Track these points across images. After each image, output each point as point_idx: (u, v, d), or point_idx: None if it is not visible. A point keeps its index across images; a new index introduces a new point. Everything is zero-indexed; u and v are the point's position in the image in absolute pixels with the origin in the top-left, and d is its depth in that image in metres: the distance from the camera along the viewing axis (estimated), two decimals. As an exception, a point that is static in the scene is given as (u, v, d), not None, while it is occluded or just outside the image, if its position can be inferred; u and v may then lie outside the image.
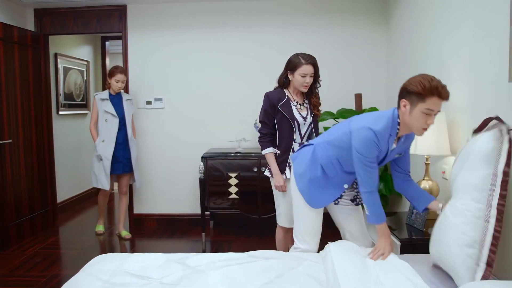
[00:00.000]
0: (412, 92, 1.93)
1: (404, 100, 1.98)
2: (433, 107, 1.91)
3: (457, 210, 1.78)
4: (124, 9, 4.52)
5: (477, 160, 1.74)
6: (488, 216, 1.67)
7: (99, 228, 4.47)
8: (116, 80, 4.08)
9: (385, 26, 4.31)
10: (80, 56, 5.90)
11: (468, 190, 1.75)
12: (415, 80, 1.94)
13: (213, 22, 4.46)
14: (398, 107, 2.04)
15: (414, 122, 1.96)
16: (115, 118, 4.10)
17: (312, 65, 2.70)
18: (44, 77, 4.63)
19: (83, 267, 2.09)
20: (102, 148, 4.09)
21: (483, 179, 1.70)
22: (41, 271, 3.39)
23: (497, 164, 1.68)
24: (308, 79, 2.69)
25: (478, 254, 1.66)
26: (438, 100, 1.90)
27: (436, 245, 1.89)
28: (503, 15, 2.02)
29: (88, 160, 6.07)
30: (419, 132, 2.01)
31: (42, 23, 4.61)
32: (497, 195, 1.66)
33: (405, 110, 1.99)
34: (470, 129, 2.44)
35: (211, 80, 4.51)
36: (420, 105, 1.92)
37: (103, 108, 4.10)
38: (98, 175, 4.15)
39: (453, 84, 2.68)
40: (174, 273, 1.95)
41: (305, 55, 2.72)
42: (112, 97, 4.15)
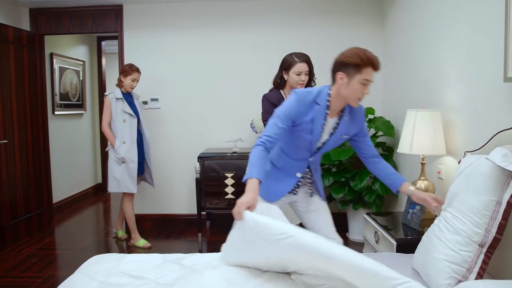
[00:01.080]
0: (349, 64, 2.00)
1: (341, 72, 2.04)
2: (369, 77, 2.01)
3: (453, 227, 1.78)
4: (120, 9, 4.51)
5: (483, 185, 1.72)
6: (484, 242, 1.68)
7: (143, 242, 4.07)
8: (133, 79, 3.94)
9: (381, 26, 4.32)
10: (76, 56, 5.88)
11: (469, 212, 1.73)
12: (351, 52, 2.01)
13: (209, 22, 4.46)
14: (334, 82, 2.09)
15: (352, 93, 2.03)
16: (134, 118, 3.94)
17: (306, 63, 2.73)
18: (40, 77, 4.61)
19: (79, 268, 2.08)
20: (125, 151, 3.87)
21: (486, 205, 1.68)
22: (37, 272, 3.38)
23: (503, 193, 1.66)
24: (303, 77, 2.72)
25: (465, 273, 1.68)
26: (372, 71, 2.01)
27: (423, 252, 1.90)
28: (498, 16, 2.03)
29: (84, 160, 6.07)
30: (355, 102, 2.08)
31: (37, 22, 4.59)
32: (497, 224, 1.65)
33: (342, 83, 2.04)
34: (466, 129, 2.46)
35: (207, 80, 4.51)
36: (357, 76, 1.99)
37: (120, 108, 3.91)
38: (122, 179, 3.91)
39: (449, 84, 2.69)
40: (170, 273, 1.94)
41: (298, 54, 2.76)
42: (126, 96, 3.98)
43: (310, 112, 2.09)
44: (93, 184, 6.41)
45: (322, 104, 2.09)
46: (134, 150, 3.91)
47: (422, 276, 1.88)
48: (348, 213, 4.02)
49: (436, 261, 1.76)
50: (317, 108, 2.09)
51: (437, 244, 1.81)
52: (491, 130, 2.06)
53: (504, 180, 1.66)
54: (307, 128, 2.11)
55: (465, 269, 1.69)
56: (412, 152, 2.66)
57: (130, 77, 3.94)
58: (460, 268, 1.69)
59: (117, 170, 3.91)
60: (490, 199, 1.68)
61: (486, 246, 1.68)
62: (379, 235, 2.64)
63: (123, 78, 3.96)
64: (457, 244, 1.72)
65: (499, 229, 1.65)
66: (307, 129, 2.11)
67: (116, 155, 3.89)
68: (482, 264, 1.68)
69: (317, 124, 2.10)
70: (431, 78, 3.00)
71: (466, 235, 1.71)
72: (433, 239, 1.86)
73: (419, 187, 2.70)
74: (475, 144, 2.24)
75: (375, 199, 3.74)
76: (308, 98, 2.08)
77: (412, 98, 3.40)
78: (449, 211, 1.87)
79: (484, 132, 2.19)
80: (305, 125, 2.11)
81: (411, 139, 2.65)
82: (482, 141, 2.13)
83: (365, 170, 3.78)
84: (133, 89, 4.02)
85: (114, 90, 3.97)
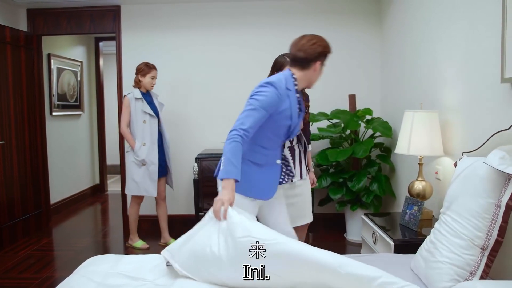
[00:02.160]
0: (326, 53, 2.24)
1: (319, 61, 2.21)
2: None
3: (454, 231, 1.78)
4: (118, 9, 4.50)
5: (482, 187, 1.72)
6: (486, 245, 1.68)
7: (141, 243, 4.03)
8: (152, 77, 3.83)
9: (379, 27, 4.32)
10: (74, 56, 5.88)
11: (469, 216, 1.73)
12: (326, 43, 2.25)
13: (207, 23, 4.46)
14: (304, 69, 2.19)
15: (317, 76, 2.26)
16: (154, 118, 3.82)
17: None
18: (37, 78, 4.60)
19: (76, 269, 2.08)
20: (145, 152, 3.75)
21: (486, 208, 1.68)
22: (34, 273, 3.37)
23: (502, 195, 1.65)
24: None
25: (468, 276, 1.68)
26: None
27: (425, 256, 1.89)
28: (495, 16, 2.03)
29: (82, 161, 6.06)
30: (313, 85, 2.31)
31: (35, 23, 4.58)
32: (497, 226, 1.65)
33: (316, 69, 2.21)
34: (463, 130, 2.46)
35: (205, 81, 4.50)
36: (324, 62, 2.26)
37: (140, 108, 3.78)
38: (142, 182, 3.79)
39: (446, 84, 2.70)
40: (168, 274, 1.94)
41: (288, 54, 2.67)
42: (145, 96, 3.85)
43: (286, 99, 2.14)
44: (91, 185, 6.39)
45: (292, 89, 2.18)
46: (155, 152, 3.80)
47: (422, 278, 1.88)
48: (346, 214, 4.02)
49: (439, 263, 1.76)
50: (291, 94, 2.17)
51: (440, 248, 1.81)
52: (488, 131, 2.06)
53: (502, 183, 1.66)
54: (287, 114, 2.16)
55: (468, 272, 1.68)
56: (409, 153, 2.66)
57: (149, 75, 3.83)
58: (463, 271, 1.69)
59: (137, 172, 3.79)
60: (489, 202, 1.68)
61: (489, 249, 1.67)
62: (376, 235, 2.64)
63: (141, 77, 3.84)
64: (459, 247, 1.72)
65: (500, 232, 1.65)
66: (287, 116, 2.16)
67: (136, 157, 3.77)
68: (485, 267, 1.67)
69: (294, 109, 2.18)
70: (428, 78, 3.00)
71: (468, 239, 1.71)
72: (435, 242, 1.86)
73: (416, 187, 2.71)
74: (472, 145, 2.25)
75: (373, 199, 3.75)
76: (282, 86, 2.14)
77: (409, 98, 3.41)
78: (449, 215, 1.87)
79: (481, 132, 2.19)
80: (284, 113, 2.15)
81: (408, 140, 2.65)
82: (479, 142, 2.13)
83: (363, 171, 3.79)
84: (153, 87, 3.91)
85: (133, 91, 3.86)
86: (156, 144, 3.82)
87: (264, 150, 2.21)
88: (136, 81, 3.89)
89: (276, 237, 1.71)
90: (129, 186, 3.87)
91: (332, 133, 3.91)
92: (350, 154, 3.64)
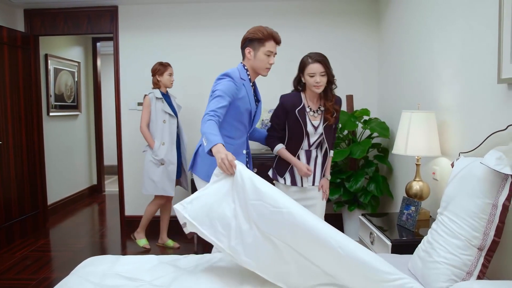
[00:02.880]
0: (254, 39, 2.39)
1: (248, 47, 2.43)
2: (272, 49, 2.41)
3: (452, 231, 1.78)
4: (115, 10, 4.50)
5: (479, 188, 1.72)
6: (483, 246, 1.68)
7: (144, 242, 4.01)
8: (169, 74, 3.86)
9: (377, 27, 4.33)
10: (71, 57, 5.86)
11: (466, 216, 1.73)
12: (255, 29, 2.40)
13: (203, 24, 4.46)
14: (244, 59, 2.49)
15: (259, 63, 2.42)
16: (174, 118, 3.82)
17: (320, 63, 2.50)
18: (35, 78, 4.60)
19: (74, 270, 2.07)
20: (164, 152, 3.76)
21: (483, 209, 1.69)
22: (31, 274, 3.36)
23: (499, 195, 1.66)
24: (318, 79, 2.49)
25: (465, 276, 1.69)
26: (274, 44, 2.42)
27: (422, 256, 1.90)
28: (492, 17, 2.04)
29: (79, 161, 6.05)
30: (264, 72, 2.47)
31: (32, 23, 4.57)
32: (494, 226, 1.65)
33: (251, 56, 2.43)
34: (460, 130, 2.47)
35: (202, 81, 4.49)
36: (261, 49, 2.39)
37: (161, 108, 3.79)
38: (160, 181, 3.78)
39: (443, 85, 2.71)
40: (166, 275, 1.94)
41: (312, 54, 2.57)
42: (165, 97, 3.87)
43: (242, 87, 2.40)
44: (88, 186, 6.38)
45: (246, 78, 2.44)
46: (174, 152, 3.80)
47: (419, 278, 1.88)
48: (344, 214, 4.02)
49: (436, 264, 1.77)
50: (245, 83, 2.43)
51: (437, 248, 1.81)
52: (485, 131, 2.07)
53: (499, 183, 1.66)
54: (245, 101, 2.41)
55: (465, 273, 1.69)
56: (407, 153, 2.67)
57: (166, 73, 3.86)
58: (460, 272, 1.70)
59: (155, 172, 3.78)
60: (486, 202, 1.68)
61: (486, 250, 1.68)
62: (374, 236, 2.65)
63: (159, 77, 3.86)
64: (457, 248, 1.73)
65: (497, 232, 1.65)
66: (246, 101, 2.41)
67: (154, 156, 3.77)
68: (482, 268, 1.68)
69: (250, 96, 2.45)
70: (425, 79, 3.01)
71: (465, 239, 1.71)
72: (432, 243, 1.87)
73: (414, 188, 2.71)
74: (469, 145, 2.25)
75: (370, 200, 3.75)
76: (237, 76, 2.40)
77: (407, 99, 3.41)
78: (446, 215, 1.87)
79: (478, 133, 2.20)
80: (243, 101, 2.40)
81: (406, 140, 2.65)
82: (476, 142, 2.14)
83: (360, 171, 3.79)
84: (172, 84, 3.93)
85: (153, 91, 3.87)
86: (175, 144, 3.82)
87: (231, 140, 2.42)
88: (154, 82, 3.90)
89: (287, 205, 1.78)
90: (147, 185, 3.84)
91: (329, 133, 3.91)
92: (347, 154, 3.64)
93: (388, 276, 1.59)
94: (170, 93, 4.02)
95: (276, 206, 1.76)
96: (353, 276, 1.65)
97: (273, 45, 2.41)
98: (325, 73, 2.51)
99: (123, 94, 4.55)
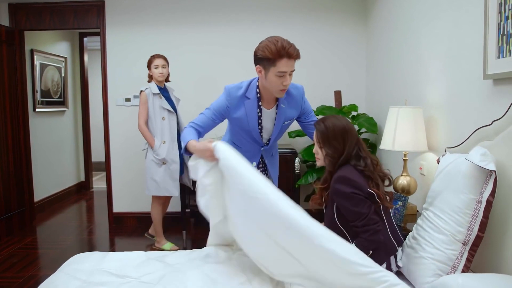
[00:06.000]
0: (262, 58, 1.98)
1: (258, 66, 2.05)
2: (285, 69, 1.97)
3: (437, 227, 1.80)
4: (102, 4, 4.45)
5: (464, 184, 1.74)
6: (467, 240, 1.70)
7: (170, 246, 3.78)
8: (155, 66, 3.61)
9: (364, 24, 4.34)
10: (57, 52, 5.79)
11: (451, 211, 1.75)
12: (262, 45, 2.00)
13: (192, 19, 4.43)
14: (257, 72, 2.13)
15: (271, 85, 2.04)
16: (173, 114, 3.62)
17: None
18: (20, 74, 4.53)
19: (60, 267, 2.05)
20: (166, 151, 3.58)
21: (467, 204, 1.70)
22: (18, 272, 3.33)
23: (483, 191, 1.68)
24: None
25: (449, 271, 1.71)
26: (288, 61, 1.96)
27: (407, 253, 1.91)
28: (477, 14, 2.06)
29: (66, 158, 5.99)
30: (278, 94, 2.09)
31: (17, 18, 4.50)
32: (478, 222, 1.67)
33: (261, 75, 2.06)
34: (447, 126, 2.49)
35: (191, 77, 4.48)
36: (272, 69, 1.98)
37: (158, 104, 3.60)
38: (163, 181, 3.61)
39: (430, 81, 2.73)
40: (154, 271, 1.93)
41: None
42: (162, 91, 3.67)
43: (241, 107, 2.13)
44: (76, 182, 6.32)
45: (252, 97, 2.14)
46: (176, 150, 3.62)
47: (405, 274, 1.90)
48: (332, 210, 4.04)
49: (422, 259, 1.79)
50: (248, 103, 2.14)
51: (422, 243, 1.84)
52: (471, 126, 2.09)
53: (483, 179, 1.69)
54: (242, 122, 2.16)
55: (450, 267, 1.71)
56: (394, 149, 2.68)
57: (153, 65, 3.63)
58: (445, 266, 1.72)
59: (158, 172, 3.61)
60: (470, 197, 1.70)
61: (470, 244, 1.70)
62: (362, 231, 2.66)
63: (149, 70, 3.69)
64: (442, 243, 1.75)
65: (480, 227, 1.68)
66: (243, 123, 2.17)
67: (156, 156, 3.59)
68: (466, 262, 1.70)
69: (252, 118, 2.16)
70: (413, 75, 3.03)
71: (450, 234, 1.73)
72: (418, 238, 1.89)
73: (401, 183, 2.73)
74: (455, 141, 2.28)
75: (359, 195, 3.76)
76: (238, 94, 2.13)
77: (394, 95, 3.44)
78: (432, 210, 1.89)
79: (464, 128, 2.22)
80: (239, 120, 2.16)
81: (393, 136, 2.67)
82: (462, 137, 2.16)
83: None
84: (163, 77, 3.67)
85: (150, 86, 3.66)
86: (176, 142, 3.63)
87: (237, 147, 2.22)
88: (148, 76, 3.74)
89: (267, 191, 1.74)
90: (149, 186, 3.67)
91: (318, 129, 3.92)
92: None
93: (363, 269, 1.59)
94: (168, 86, 3.82)
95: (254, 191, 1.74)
96: (326, 268, 1.64)
97: (286, 63, 1.96)
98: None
99: (110, 90, 4.51)
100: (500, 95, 1.90)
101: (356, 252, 1.65)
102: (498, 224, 1.75)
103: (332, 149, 1.91)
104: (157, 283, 1.82)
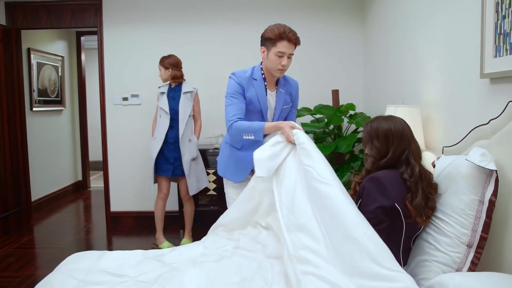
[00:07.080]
0: (266, 38, 2.30)
1: (263, 47, 2.34)
2: (284, 50, 2.25)
3: (440, 229, 1.79)
4: (100, 3, 4.43)
5: (465, 185, 1.73)
6: (471, 242, 1.69)
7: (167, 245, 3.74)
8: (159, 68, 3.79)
9: (362, 22, 4.35)
10: (55, 51, 5.77)
11: (453, 213, 1.75)
12: (269, 28, 2.30)
13: (189, 18, 4.42)
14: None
15: (270, 64, 2.31)
16: (167, 114, 3.66)
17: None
18: (17, 73, 4.51)
19: (58, 266, 2.05)
20: (152, 146, 3.71)
21: (470, 205, 1.70)
22: (15, 272, 3.32)
23: (484, 191, 1.67)
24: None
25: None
26: (288, 44, 2.26)
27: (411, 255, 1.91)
28: (475, 13, 2.06)
29: (63, 157, 5.98)
30: (277, 72, 2.34)
31: (13, 17, 4.48)
32: (482, 222, 1.67)
33: (264, 56, 2.35)
34: (444, 125, 2.50)
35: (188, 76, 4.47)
36: (273, 49, 2.27)
37: (159, 102, 3.75)
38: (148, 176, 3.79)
39: (427, 80, 2.73)
40: (151, 271, 1.93)
41: None
42: (170, 90, 3.74)
43: (251, 87, 2.37)
44: (73, 182, 6.31)
45: (259, 78, 2.39)
46: (157, 148, 3.61)
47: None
48: (330, 209, 4.03)
49: (426, 262, 1.78)
50: (256, 83, 2.37)
51: (425, 246, 1.82)
52: (468, 126, 2.09)
53: (484, 179, 1.68)
54: (254, 102, 2.37)
55: (455, 270, 1.69)
56: (391, 148, 2.68)
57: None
58: (449, 269, 1.70)
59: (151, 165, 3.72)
60: (472, 198, 1.69)
61: (474, 247, 1.68)
62: (359, 229, 2.66)
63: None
64: (446, 245, 1.74)
65: (484, 228, 1.66)
66: (254, 103, 2.37)
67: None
68: (471, 265, 1.68)
69: (262, 96, 2.38)
70: (410, 74, 3.03)
71: (454, 236, 1.72)
72: (421, 242, 1.87)
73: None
74: (453, 140, 2.28)
75: (356, 194, 3.77)
76: (246, 75, 2.38)
77: (391, 94, 3.44)
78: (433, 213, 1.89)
79: (461, 127, 2.23)
80: (251, 100, 2.37)
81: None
82: (459, 136, 2.16)
83: (346, 166, 3.81)
84: (166, 80, 3.76)
85: (163, 84, 3.83)
86: (162, 141, 3.61)
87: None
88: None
89: (332, 179, 1.90)
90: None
91: (315, 128, 3.92)
92: (333, 149, 3.65)
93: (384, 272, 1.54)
94: (184, 85, 3.78)
95: (322, 177, 1.89)
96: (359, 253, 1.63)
97: (285, 45, 2.25)
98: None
99: (108, 89, 4.50)
100: (497, 94, 1.91)
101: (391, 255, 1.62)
102: (497, 224, 1.75)
103: (375, 150, 1.90)
104: (154, 282, 1.82)
